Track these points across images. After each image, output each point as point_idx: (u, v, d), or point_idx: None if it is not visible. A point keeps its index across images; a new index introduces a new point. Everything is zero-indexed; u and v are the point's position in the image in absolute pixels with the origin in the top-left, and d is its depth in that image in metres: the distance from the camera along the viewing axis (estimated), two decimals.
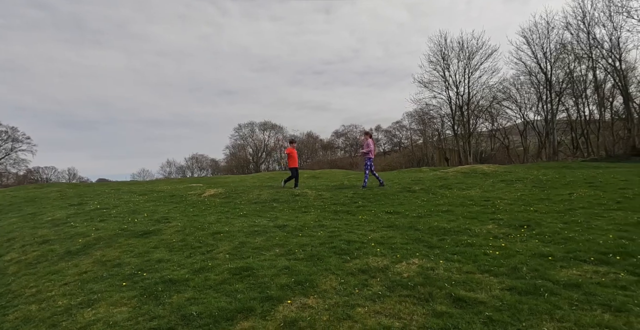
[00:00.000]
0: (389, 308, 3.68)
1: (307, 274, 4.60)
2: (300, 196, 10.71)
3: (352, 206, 9.22)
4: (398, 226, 6.91)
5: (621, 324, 3.15)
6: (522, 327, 3.21)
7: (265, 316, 3.68)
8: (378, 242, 5.85)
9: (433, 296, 3.87)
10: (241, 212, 8.88)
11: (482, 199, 9.44)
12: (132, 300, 4.36)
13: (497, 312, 3.48)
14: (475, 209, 8.23)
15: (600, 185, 10.62)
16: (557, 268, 4.50)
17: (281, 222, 7.56)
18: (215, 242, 6.30)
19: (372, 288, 4.15)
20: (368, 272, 4.61)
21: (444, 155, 40.09)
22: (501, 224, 6.79)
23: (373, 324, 3.40)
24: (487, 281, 4.19)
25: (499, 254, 5.07)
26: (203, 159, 75.85)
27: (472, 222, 7.01)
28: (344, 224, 7.31)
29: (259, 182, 18.43)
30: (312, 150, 71.21)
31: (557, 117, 36.55)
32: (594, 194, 9.33)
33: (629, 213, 7.22)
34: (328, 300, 3.92)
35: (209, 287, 4.48)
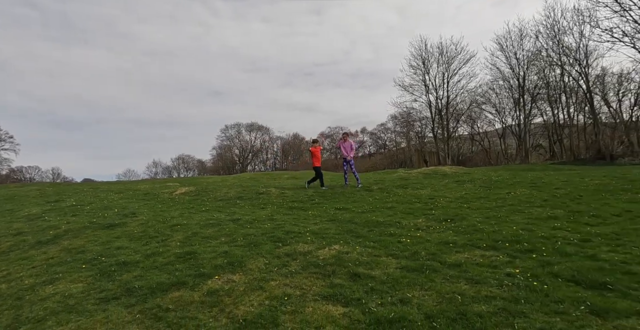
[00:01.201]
0: (296, 281, 4.48)
1: (240, 257, 5.40)
2: (264, 194, 11.49)
3: (307, 203, 10.03)
4: (339, 220, 7.72)
5: (472, 292, 3.98)
6: (394, 294, 4.03)
7: (194, 288, 4.46)
8: (314, 232, 6.65)
9: (335, 273, 4.69)
10: (204, 208, 9.64)
11: (429, 197, 10.30)
12: (88, 278, 5.11)
13: (381, 284, 4.31)
14: (417, 206, 9.07)
15: (541, 185, 11.55)
16: (452, 253, 5.34)
17: (237, 216, 8.33)
18: (172, 233, 7.06)
19: (290, 267, 4.95)
20: (292, 255, 5.41)
21: (423, 157, 41.09)
22: (430, 218, 7.64)
23: (278, 292, 4.20)
24: (387, 262, 5.02)
25: (410, 242, 5.91)
26: (189, 159, 76.24)
27: (406, 217, 7.85)
28: (292, 218, 8.10)
29: (238, 182, 19.13)
30: (298, 152, 71.89)
31: (533, 121, 37.94)
32: (529, 193, 10.25)
33: (547, 209, 8.12)
34: (250, 276, 4.72)
35: (155, 268, 5.25)
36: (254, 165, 72.57)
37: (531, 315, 3.44)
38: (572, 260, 4.74)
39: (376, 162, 57.94)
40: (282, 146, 72.44)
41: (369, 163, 56.91)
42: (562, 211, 7.86)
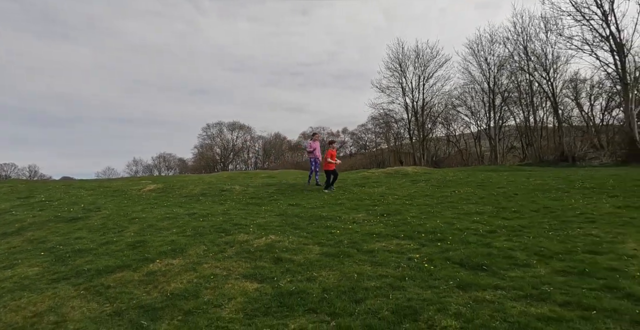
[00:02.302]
0: (226, 264, 5.16)
1: (184, 245, 6.05)
2: (227, 191, 12.12)
3: (265, 199, 10.69)
4: (287, 214, 8.40)
5: (370, 272, 4.70)
6: (304, 274, 4.74)
7: (136, 270, 5.10)
8: (259, 225, 7.32)
9: (262, 257, 5.37)
10: (166, 204, 10.23)
11: (379, 195, 11.06)
12: (44, 263, 5.71)
13: (297, 266, 5.01)
14: (364, 203, 9.80)
15: (487, 184, 12.42)
16: (372, 242, 6.07)
17: (194, 211, 8.95)
18: (129, 225, 7.66)
19: (225, 253, 5.62)
20: (230, 243, 6.08)
21: (399, 158, 42.09)
22: (370, 213, 8.38)
23: (207, 273, 4.87)
24: (312, 249, 5.72)
25: (340, 232, 6.62)
26: (171, 158, 76.12)
27: (349, 212, 8.57)
28: (245, 213, 8.75)
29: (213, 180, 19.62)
30: (279, 151, 72.44)
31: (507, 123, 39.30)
32: (472, 191, 11.09)
33: (478, 206, 8.92)
34: (187, 260, 5.37)
35: (106, 254, 5.87)
36: (236, 164, 72.86)
37: (409, 289, 4.17)
38: (469, 248, 5.51)
39: (356, 162, 58.79)
40: (263, 146, 72.88)
41: (348, 163, 57.72)
42: (491, 207, 8.67)
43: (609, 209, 7.72)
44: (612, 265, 4.57)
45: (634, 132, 25.65)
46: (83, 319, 3.94)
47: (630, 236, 5.76)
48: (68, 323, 3.89)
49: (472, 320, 3.42)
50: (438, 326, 3.36)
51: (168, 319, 3.83)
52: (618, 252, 5.06)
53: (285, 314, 3.77)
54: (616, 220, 6.78)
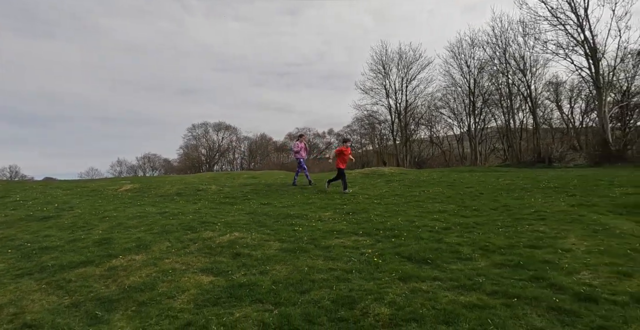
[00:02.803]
0: (186, 259, 5.37)
1: (149, 242, 6.24)
2: (202, 191, 12.30)
3: (239, 199, 10.89)
4: (256, 213, 8.63)
5: (321, 266, 4.96)
6: (260, 268, 4.98)
7: (99, 265, 5.29)
8: (226, 223, 7.54)
9: (222, 253, 5.60)
10: (139, 203, 10.38)
11: (351, 194, 11.34)
12: (11, 260, 5.86)
13: (254, 260, 5.25)
14: (334, 202, 10.07)
15: (457, 184, 12.79)
16: (332, 238, 6.33)
17: (167, 210, 9.13)
18: (99, 224, 7.81)
19: (187, 249, 5.83)
20: (194, 240, 6.29)
21: (382, 159, 42.54)
22: (337, 212, 8.64)
23: (167, 267, 5.08)
24: (272, 245, 5.96)
25: (303, 230, 6.87)
26: (156, 158, 75.51)
27: (317, 211, 8.83)
28: (216, 211, 8.96)
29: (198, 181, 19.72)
30: (265, 152, 72.43)
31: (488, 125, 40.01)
32: (440, 191, 11.44)
33: (443, 205, 9.25)
34: (149, 256, 5.57)
35: (72, 251, 6.03)
36: (221, 165, 72.65)
37: (353, 281, 4.44)
38: (420, 244, 5.80)
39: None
40: (249, 146, 72.80)
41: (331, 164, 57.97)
42: (454, 206, 9.00)
43: (563, 207, 8.10)
44: (547, 258, 4.90)
45: (607, 134, 26.40)
46: (41, 311, 4.13)
47: (573, 232, 6.11)
48: (26, 314, 4.07)
49: (404, 307, 3.69)
50: (371, 313, 3.63)
51: (122, 310, 4.04)
52: (557, 246, 5.39)
53: (233, 304, 4.01)
54: (566, 217, 7.14)
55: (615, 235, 5.96)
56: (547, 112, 39.17)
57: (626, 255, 4.95)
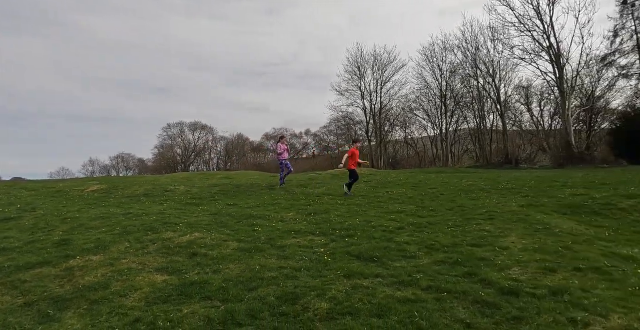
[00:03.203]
0: (143, 259, 5.52)
1: (108, 242, 6.35)
2: (170, 192, 12.36)
3: (206, 200, 11.02)
4: (221, 214, 8.78)
5: (273, 265, 5.18)
6: (214, 267, 5.17)
7: (56, 266, 5.39)
8: (188, 223, 7.68)
9: (180, 253, 5.77)
10: (104, 204, 10.40)
11: (317, 195, 11.59)
12: None
13: (210, 260, 5.43)
14: (299, 203, 10.30)
15: (421, 185, 13.20)
16: (289, 238, 6.55)
17: (131, 211, 9.19)
18: (60, 225, 7.85)
19: (146, 250, 5.97)
20: (154, 241, 6.42)
21: None
22: (300, 213, 8.87)
23: (123, 267, 5.22)
24: (230, 245, 6.15)
25: (262, 230, 7.08)
26: (130, 158, 74.21)
27: (281, 211, 9.04)
28: (181, 212, 9.07)
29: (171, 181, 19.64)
30: (242, 152, 72.10)
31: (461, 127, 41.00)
32: (403, 192, 11.81)
33: (403, 205, 9.58)
34: (107, 256, 5.70)
35: (30, 252, 6.10)
36: (197, 165, 71.99)
37: (301, 278, 4.68)
38: (371, 243, 6.08)
39: (317, 164, 59.38)
40: (225, 147, 72.34)
41: (308, 164, 58.30)
42: (414, 207, 9.34)
43: (513, 208, 8.54)
44: (484, 256, 5.25)
45: (571, 137, 27.45)
46: None
47: (515, 231, 6.50)
48: None
49: (343, 302, 3.96)
50: (312, 308, 3.87)
51: (74, 308, 4.18)
52: (496, 245, 5.76)
53: (183, 301, 4.20)
54: (513, 217, 7.55)
55: (553, 234, 6.39)
56: (518, 114, 40.39)
57: (557, 252, 5.34)
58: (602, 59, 32.96)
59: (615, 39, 32.56)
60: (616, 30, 32.59)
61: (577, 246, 5.71)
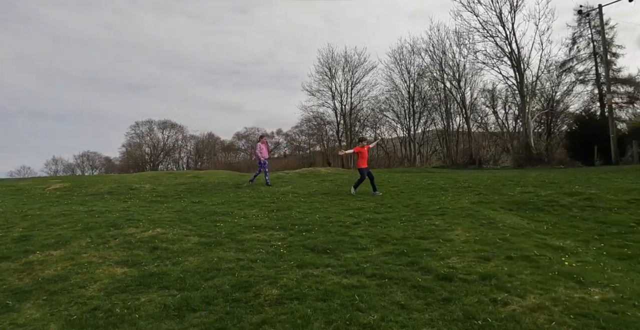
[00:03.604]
0: (104, 253, 5.67)
1: (69, 238, 6.44)
2: (135, 190, 12.38)
3: (171, 198, 11.13)
4: (185, 211, 8.95)
5: (231, 257, 5.43)
6: (174, 259, 5.38)
7: (15, 260, 5.48)
8: (151, 220, 7.82)
9: (141, 247, 5.95)
10: (67, 202, 10.37)
11: (282, 193, 11.86)
12: None
13: (170, 253, 5.64)
14: (265, 200, 10.55)
15: (385, 184, 13.66)
16: (249, 233, 6.82)
17: (95, 208, 9.23)
18: (20, 222, 7.84)
19: (107, 245, 6.11)
20: (116, 236, 6.56)
21: (327, 160, 43.53)
22: (263, 209, 9.13)
23: (83, 261, 5.37)
24: (191, 240, 6.36)
25: (224, 226, 7.31)
26: (95, 156, 72.40)
27: (245, 208, 9.28)
28: (145, 209, 9.18)
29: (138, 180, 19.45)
30: (212, 152, 71.47)
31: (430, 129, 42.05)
32: (365, 190, 12.22)
33: (364, 202, 9.96)
34: (68, 251, 5.81)
35: None
36: (167, 164, 70.89)
37: (256, 269, 4.96)
38: (327, 236, 6.42)
39: (288, 164, 59.54)
40: (196, 145, 71.56)
41: (279, 164, 58.40)
42: (373, 204, 9.75)
43: (465, 204, 9.06)
44: (428, 247, 5.66)
45: (530, 139, 28.66)
46: None
47: (462, 225, 6.97)
48: None
49: (292, 289, 4.27)
50: (263, 295, 4.17)
51: (34, 299, 4.33)
52: (442, 237, 6.19)
53: (141, 291, 4.41)
54: (462, 213, 8.05)
55: (496, 227, 6.89)
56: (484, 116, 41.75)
57: (495, 243, 5.82)
58: (562, 65, 34.69)
59: (573, 46, 34.37)
60: (574, 38, 34.39)
61: (514, 238, 6.21)
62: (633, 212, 8.33)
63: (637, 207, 8.64)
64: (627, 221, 7.69)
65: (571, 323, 3.38)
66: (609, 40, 32.24)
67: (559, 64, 33.92)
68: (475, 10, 29.31)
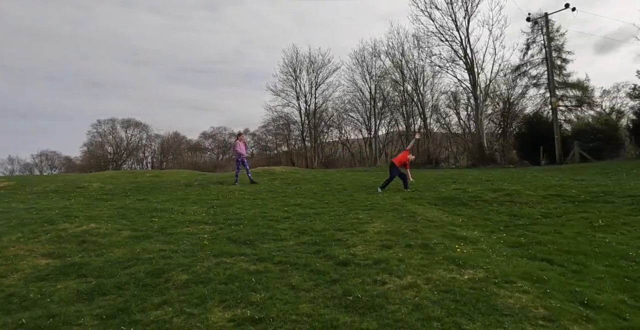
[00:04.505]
0: (32, 247, 5.93)
1: (1, 233, 6.63)
2: (82, 188, 12.46)
3: (117, 195, 11.30)
4: (126, 208, 9.18)
5: (156, 248, 5.78)
6: (99, 251, 5.69)
7: None
8: (89, 216, 8.05)
9: (70, 241, 6.23)
10: (7, 200, 10.41)
11: (229, 191, 12.20)
12: None
13: (98, 246, 5.94)
14: (210, 197, 10.87)
15: (332, 182, 14.22)
16: (182, 227, 7.17)
17: (35, 206, 9.35)
18: None
19: (38, 239, 6.35)
20: (48, 231, 6.80)
21: (291, 159, 43.92)
22: (205, 206, 9.47)
23: (10, 254, 5.62)
24: (122, 234, 6.67)
25: (159, 221, 7.63)
26: (55, 156, 70.13)
27: (187, 205, 9.59)
28: (86, 206, 9.36)
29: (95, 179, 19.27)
30: (177, 151, 70.58)
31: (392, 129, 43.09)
32: (312, 187, 12.75)
33: (305, 199, 10.44)
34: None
35: None
36: (130, 164, 69.53)
37: (175, 258, 5.34)
38: (253, 229, 6.85)
39: (254, 163, 59.46)
40: (161, 145, 70.50)
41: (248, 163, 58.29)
42: (313, 200, 10.23)
43: (396, 200, 9.68)
44: (342, 237, 6.17)
45: (483, 140, 29.90)
46: None
47: (382, 219, 7.54)
48: None
49: (201, 274, 4.68)
50: (172, 280, 4.56)
51: None
52: (358, 229, 6.72)
53: (59, 279, 4.73)
54: (389, 208, 8.63)
55: (413, 220, 7.49)
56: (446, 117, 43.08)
57: (403, 234, 6.38)
58: (516, 69, 36.26)
59: (527, 52, 35.97)
60: (528, 44, 36.00)
61: (425, 229, 6.81)
62: (544, 206, 9.14)
63: (550, 202, 9.48)
64: (535, 214, 8.48)
65: (432, 297, 3.94)
66: (560, 46, 33.97)
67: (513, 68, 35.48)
68: (432, 15, 30.40)
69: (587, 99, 35.91)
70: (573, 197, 9.72)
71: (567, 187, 10.85)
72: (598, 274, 4.99)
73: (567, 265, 5.31)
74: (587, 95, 35.81)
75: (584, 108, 36.35)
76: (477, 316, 3.56)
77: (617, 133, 27.42)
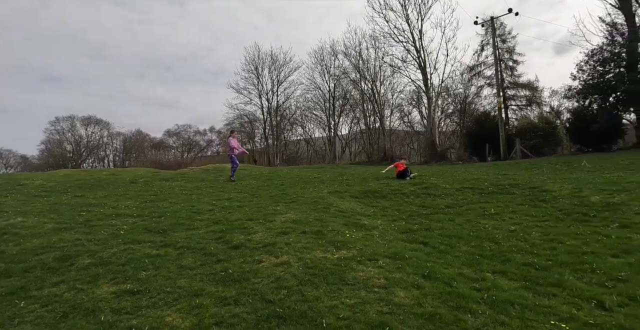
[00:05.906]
0: None
1: None
2: (23, 185, 12.65)
3: (56, 192, 11.59)
4: (61, 203, 9.54)
5: (70, 238, 6.28)
6: (18, 242, 6.14)
7: None
8: (20, 211, 8.41)
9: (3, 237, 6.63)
10: None
11: (171, 187, 12.64)
12: None
13: (19, 237, 6.39)
14: (148, 193, 11.30)
15: (275, 178, 14.86)
16: (107, 220, 7.64)
17: None
18: None
19: None
20: None
21: (253, 157, 44.30)
22: (139, 201, 9.91)
23: None
24: (46, 226, 7.09)
25: (86, 215, 8.08)
26: (10, 154, 68.01)
27: (123, 200, 10.01)
28: (21, 203, 9.65)
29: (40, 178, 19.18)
30: (140, 149, 69.60)
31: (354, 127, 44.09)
32: (254, 183, 13.35)
33: (239, 194, 11.02)
34: None
35: None
36: (91, 162, 68.11)
37: (88, 246, 5.85)
38: (171, 220, 7.40)
39: (218, 162, 59.49)
40: (123, 143, 69.37)
41: (210, 162, 58.19)
42: (247, 194, 10.83)
43: (322, 193, 10.42)
44: (248, 226, 6.81)
45: (435, 137, 31.16)
46: None
47: (298, 209, 8.24)
48: None
49: (105, 258, 5.24)
50: (76, 263, 5.11)
51: None
52: (269, 219, 7.36)
53: None
54: (310, 200, 9.35)
55: (326, 211, 8.22)
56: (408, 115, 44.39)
57: (307, 223, 7.10)
58: (471, 69, 37.84)
59: (481, 53, 37.54)
60: (482, 45, 37.57)
61: (331, 219, 7.56)
62: (454, 198, 10.08)
63: (460, 194, 10.43)
64: (441, 205, 9.39)
65: (296, 272, 4.65)
66: (512, 48, 35.64)
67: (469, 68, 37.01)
68: (386, 17, 31.41)
69: (536, 99, 37.84)
70: (482, 189, 10.71)
71: (482, 181, 11.87)
72: (459, 253, 5.85)
73: (437, 247, 6.15)
74: (537, 95, 37.75)
75: (534, 107, 38.32)
76: (323, 285, 4.29)
77: (556, 131, 29.15)
